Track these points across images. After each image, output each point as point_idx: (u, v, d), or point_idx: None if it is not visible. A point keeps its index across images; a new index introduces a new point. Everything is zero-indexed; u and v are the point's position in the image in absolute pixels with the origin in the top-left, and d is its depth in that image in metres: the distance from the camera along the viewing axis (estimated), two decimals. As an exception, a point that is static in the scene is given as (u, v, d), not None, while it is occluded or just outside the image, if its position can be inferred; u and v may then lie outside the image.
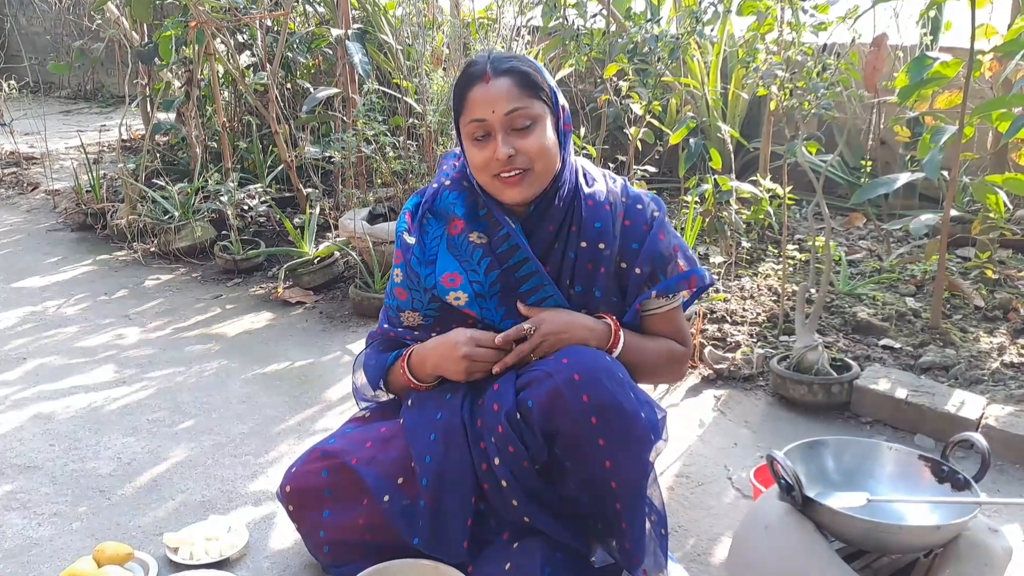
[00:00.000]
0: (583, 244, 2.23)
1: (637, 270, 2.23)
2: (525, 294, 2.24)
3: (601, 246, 2.23)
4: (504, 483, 2.12)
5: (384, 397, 2.48)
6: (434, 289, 2.26)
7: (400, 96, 5.07)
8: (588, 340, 2.18)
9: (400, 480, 2.22)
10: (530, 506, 2.14)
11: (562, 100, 2.23)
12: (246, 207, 4.93)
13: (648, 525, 2.12)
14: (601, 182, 2.30)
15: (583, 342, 2.16)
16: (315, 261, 4.54)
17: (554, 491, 2.17)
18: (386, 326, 2.44)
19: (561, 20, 4.96)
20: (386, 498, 2.21)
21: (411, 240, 2.30)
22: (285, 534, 2.59)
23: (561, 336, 2.17)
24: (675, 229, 2.33)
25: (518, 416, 2.10)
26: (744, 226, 4.35)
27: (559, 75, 5.18)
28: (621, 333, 2.21)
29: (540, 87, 2.15)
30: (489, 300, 2.24)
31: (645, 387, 2.27)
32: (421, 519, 2.17)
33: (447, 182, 2.32)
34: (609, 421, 2.02)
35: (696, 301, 2.60)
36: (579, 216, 2.24)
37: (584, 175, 2.30)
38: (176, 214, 5.07)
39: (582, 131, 4.52)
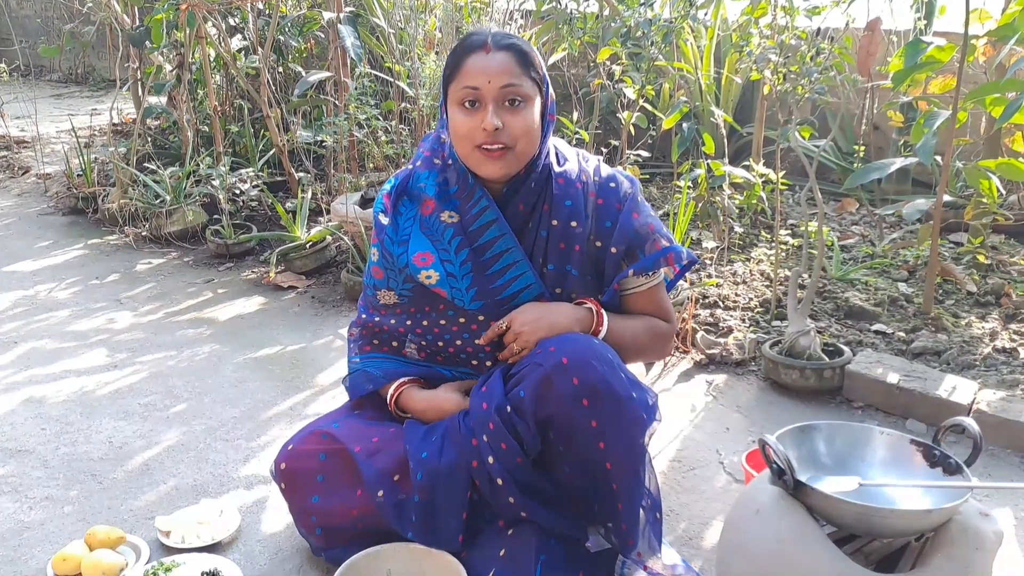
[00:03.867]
0: (554, 222, 2.24)
1: (612, 249, 2.23)
2: (497, 273, 2.24)
3: (573, 224, 2.24)
4: (500, 481, 2.13)
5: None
6: (407, 268, 2.26)
7: (392, 80, 5.05)
8: (571, 326, 2.18)
9: (396, 477, 2.23)
10: (526, 501, 2.15)
11: (551, 90, 2.24)
12: (238, 191, 4.91)
13: (642, 510, 2.13)
14: (573, 161, 2.31)
15: (566, 328, 2.17)
16: (307, 246, 4.53)
17: (549, 480, 2.18)
18: (363, 316, 2.46)
19: (554, 4, 4.94)
20: (380, 493, 2.21)
21: (385, 220, 2.31)
22: (277, 518, 2.59)
23: (539, 323, 2.18)
24: (665, 213, 2.32)
25: (509, 409, 2.11)
26: (737, 211, 4.34)
27: (552, 59, 5.16)
28: (604, 316, 2.23)
29: (535, 69, 2.16)
30: (460, 280, 2.24)
31: (636, 371, 2.27)
32: (415, 514, 2.18)
33: (419, 163, 2.33)
34: (600, 403, 2.03)
35: (683, 280, 2.59)
36: (551, 195, 2.24)
37: (556, 155, 2.30)
38: (167, 198, 5.05)
39: (575, 115, 4.51)
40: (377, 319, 2.40)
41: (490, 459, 2.12)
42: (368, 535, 2.25)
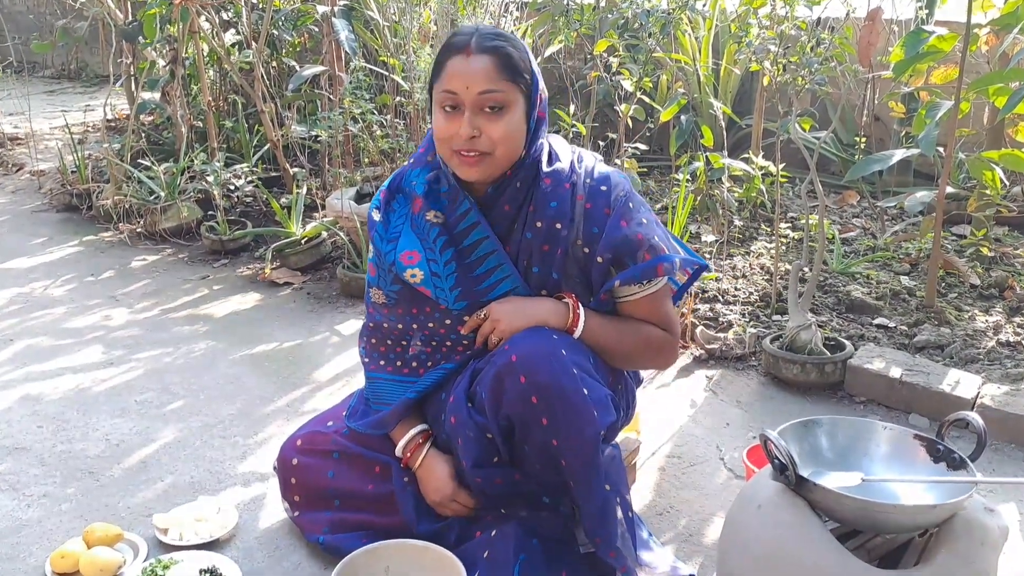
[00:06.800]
0: (538, 224, 2.19)
1: (599, 258, 2.17)
2: (482, 276, 2.22)
3: (558, 226, 2.18)
4: (479, 480, 2.22)
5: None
6: (393, 266, 2.25)
7: (387, 74, 5.04)
8: (547, 320, 2.16)
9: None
10: (498, 504, 2.26)
11: (542, 87, 2.19)
12: (232, 187, 4.90)
13: (620, 513, 2.13)
14: (565, 161, 2.24)
15: (541, 322, 2.15)
16: (302, 241, 4.53)
17: (524, 480, 2.22)
18: (367, 317, 2.45)
19: (551, -5, 4.93)
20: (406, 479, 2.35)
21: (377, 217, 2.31)
22: (275, 514, 2.59)
23: (516, 316, 2.17)
24: (663, 207, 2.29)
25: (470, 406, 2.18)
26: (736, 204, 4.34)
27: (548, 51, 5.16)
28: (580, 312, 2.18)
29: (520, 72, 2.11)
30: (444, 280, 2.22)
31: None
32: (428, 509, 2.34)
33: (413, 161, 2.33)
34: (549, 399, 2.03)
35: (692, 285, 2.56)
36: (536, 195, 2.20)
37: (549, 153, 2.25)
38: (162, 194, 5.04)
39: (571, 108, 4.49)
40: (379, 318, 2.39)
41: (464, 463, 2.22)
42: (376, 530, 2.34)
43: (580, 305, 2.19)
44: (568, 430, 2.05)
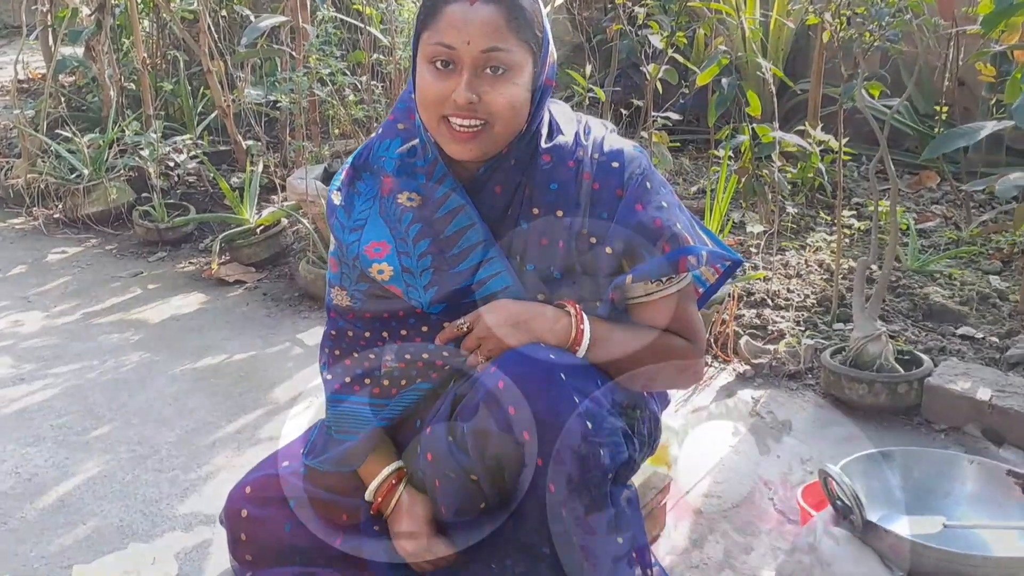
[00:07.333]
0: (535, 211, 2.14)
1: (608, 248, 2.12)
2: (466, 272, 2.17)
3: (559, 214, 2.13)
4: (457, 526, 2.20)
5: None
6: (358, 260, 2.20)
7: (362, 26, 5.05)
8: (545, 336, 2.10)
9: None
10: (487, 557, 2.22)
11: (552, 50, 2.14)
12: (172, 163, 4.91)
13: (638, 571, 2.11)
14: (570, 133, 2.19)
15: (538, 339, 2.10)
16: (257, 230, 4.53)
17: (519, 528, 2.19)
18: (328, 322, 2.41)
19: (563, -69, 4.95)
20: (376, 527, 2.30)
21: (337, 200, 2.27)
22: (221, 564, 2.59)
23: (508, 331, 2.11)
24: (700, 190, 2.26)
25: (450, 440, 2.13)
26: (789, 187, 4.34)
27: (559, 0, 5.17)
28: (584, 326, 2.12)
29: (532, 27, 2.05)
30: (418, 276, 2.17)
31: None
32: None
33: (382, 131, 2.28)
34: (545, 434, 1.99)
35: (729, 281, 2.53)
36: (533, 176, 2.16)
37: (550, 124, 2.20)
38: (85, 172, 5.05)
39: (587, 69, 4.49)
40: (342, 324, 2.35)
41: (443, 509, 2.19)
42: None
43: (585, 318, 2.14)
44: (567, 473, 2.00)
